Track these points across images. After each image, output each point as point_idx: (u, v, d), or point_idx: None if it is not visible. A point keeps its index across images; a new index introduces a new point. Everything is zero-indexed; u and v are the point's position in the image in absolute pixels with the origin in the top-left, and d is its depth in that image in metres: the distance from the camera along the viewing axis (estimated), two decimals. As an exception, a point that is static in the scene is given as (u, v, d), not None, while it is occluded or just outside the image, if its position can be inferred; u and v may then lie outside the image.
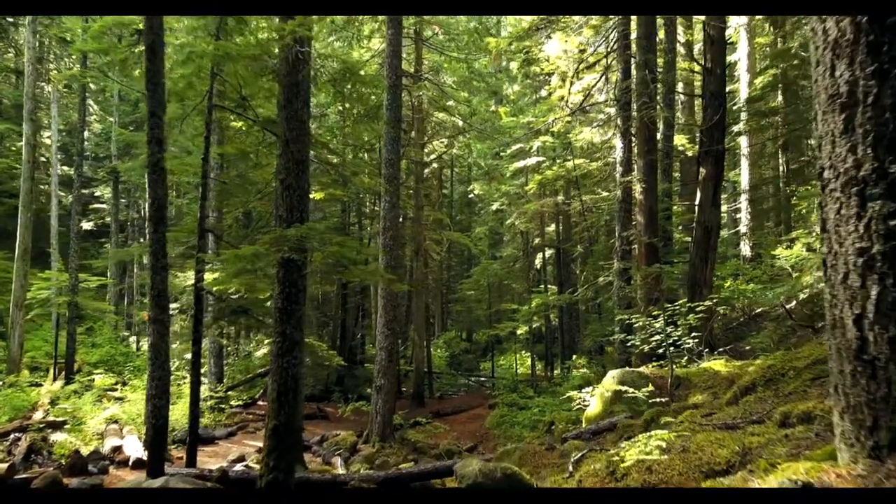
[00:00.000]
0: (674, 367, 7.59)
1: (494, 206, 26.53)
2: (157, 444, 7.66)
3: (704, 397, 7.11)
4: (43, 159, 28.44)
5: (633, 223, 13.06)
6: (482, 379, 27.19)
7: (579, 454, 4.87)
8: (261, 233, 8.53)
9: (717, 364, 8.24)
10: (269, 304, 12.42)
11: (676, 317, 8.43)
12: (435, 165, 30.51)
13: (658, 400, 7.14)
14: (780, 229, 22.92)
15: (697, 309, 8.17)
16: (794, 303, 17.04)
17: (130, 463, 10.60)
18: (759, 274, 22.27)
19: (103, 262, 14.34)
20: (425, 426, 15.29)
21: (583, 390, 9.37)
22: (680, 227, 20.93)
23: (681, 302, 7.98)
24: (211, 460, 11.80)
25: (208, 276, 9.51)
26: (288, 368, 6.56)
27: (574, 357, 24.71)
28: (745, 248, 24.00)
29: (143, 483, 6.28)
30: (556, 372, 24.05)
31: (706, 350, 9.12)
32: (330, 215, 27.90)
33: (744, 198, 23.47)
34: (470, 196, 36.53)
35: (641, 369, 8.44)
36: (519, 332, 24.66)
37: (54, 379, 19.16)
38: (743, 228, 23.64)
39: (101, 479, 9.83)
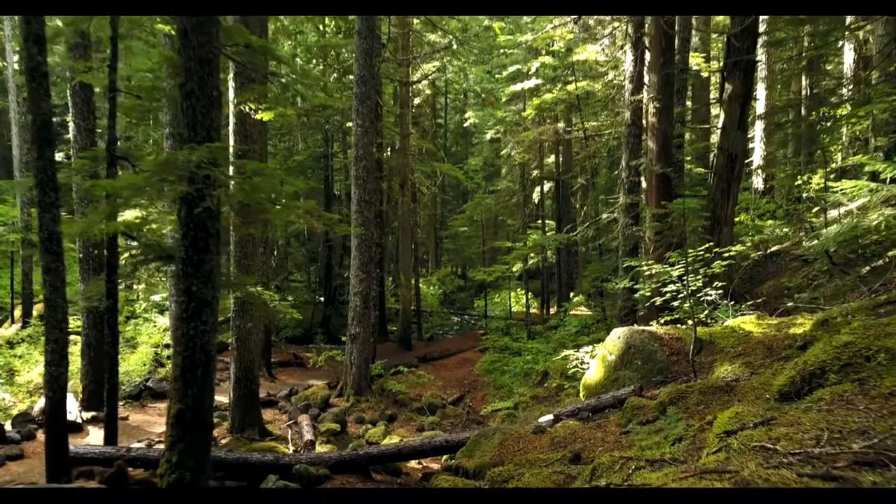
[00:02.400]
0: (696, 327, 6.05)
1: (489, 135, 24.48)
2: (55, 421, 6.22)
3: (735, 368, 5.60)
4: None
5: (643, 151, 11.29)
6: (475, 318, 25.99)
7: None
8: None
9: (748, 322, 6.70)
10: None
11: (697, 263, 6.85)
12: (428, 92, 28.29)
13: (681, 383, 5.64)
14: (801, 159, 21.05)
15: (725, 255, 6.56)
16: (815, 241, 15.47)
17: (62, 427, 9.24)
18: (774, 208, 20.56)
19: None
20: (407, 375, 13.99)
21: (580, 349, 7.90)
22: (690, 158, 19.12)
23: (706, 246, 6.36)
24: (161, 420, 10.48)
25: (129, 215, 7.87)
26: (195, 337, 5.00)
27: (571, 296, 23.40)
28: (758, 181, 22.25)
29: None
30: (552, 311, 22.78)
31: (731, 303, 7.56)
32: (312, 144, 25.94)
33: (759, 125, 21.43)
34: (466, 125, 34.27)
35: (652, 328, 6.91)
36: (514, 268, 23.26)
37: (12, 322, 17.83)
38: (757, 159, 21.73)
39: (21, 448, 8.53)
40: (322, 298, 24.72)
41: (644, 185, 11.29)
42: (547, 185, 24.51)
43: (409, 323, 19.23)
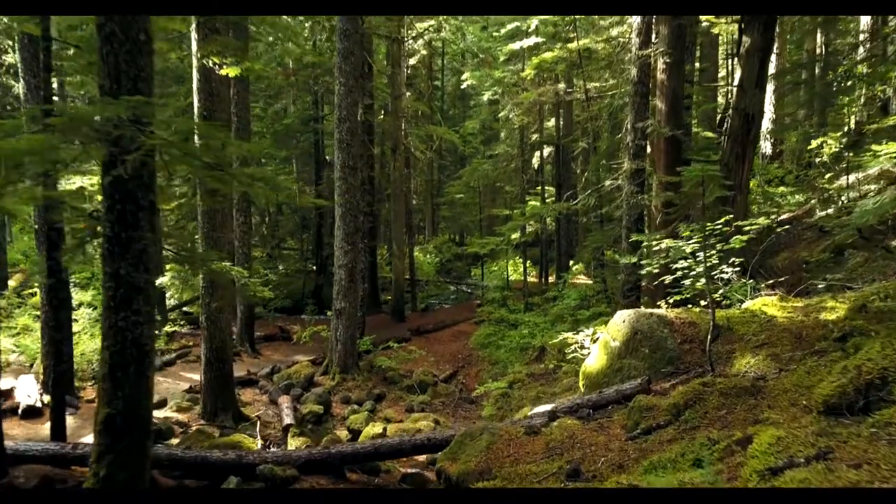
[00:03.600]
0: (713, 311, 5.28)
1: (486, 96, 23.37)
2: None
3: (759, 362, 4.85)
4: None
5: (650, 112, 10.38)
6: (472, 287, 25.29)
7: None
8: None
9: (770, 305, 5.94)
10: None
11: (713, 238, 6.05)
12: (423, 52, 27.04)
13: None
14: (813, 122, 20.05)
15: (746, 228, 5.75)
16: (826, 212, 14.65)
17: (20, 411, 8.58)
18: (783, 174, 19.60)
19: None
20: (397, 350, 13.32)
21: (580, 333, 7.14)
22: (696, 120, 18.14)
23: (725, 218, 5.55)
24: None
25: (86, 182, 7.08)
26: (126, 329, 4.23)
27: (571, 264, 22.66)
28: (766, 146, 21.28)
29: None
30: (551, 279, 22.06)
31: (750, 281, 6.78)
32: (301, 107, 24.82)
33: (768, 87, 20.28)
34: (463, 87, 33.02)
35: (661, 311, 6.15)
36: (513, 236, 22.47)
37: (-13, 294, 17.14)
38: (766, 123, 20.69)
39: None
40: (314, 267, 23.96)
41: (650, 149, 10.42)
42: (546, 150, 23.54)
43: (401, 294, 18.53)
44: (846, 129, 20.05)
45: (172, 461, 5.79)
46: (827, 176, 17.98)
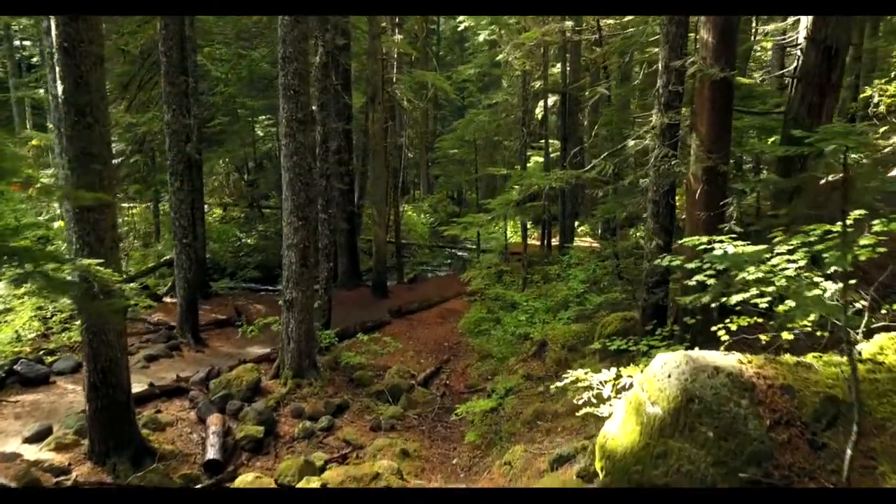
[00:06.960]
0: (855, 376, 3.01)
1: (483, 37, 20.56)
2: None
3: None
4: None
5: (685, 48, 7.83)
6: (467, 251, 22.99)
7: None
8: None
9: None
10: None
11: (794, 237, 3.77)
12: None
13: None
14: (863, 65, 17.25)
15: (877, 228, 3.40)
16: None
17: None
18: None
19: None
20: (368, 343, 11.15)
21: (596, 378, 4.81)
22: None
23: (857, 215, 3.20)
24: (18, 424, 7.69)
25: None
26: None
27: (577, 224, 20.34)
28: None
29: None
30: (553, 241, 19.74)
31: (862, 302, 4.44)
32: (271, 45, 21.95)
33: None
34: (461, 30, 29.84)
35: (731, 361, 3.82)
36: (512, 194, 19.90)
37: None
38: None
39: None
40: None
41: (684, 99, 7.92)
42: (551, 99, 20.84)
43: (383, 266, 16.28)
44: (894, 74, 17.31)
45: None
46: (881, 129, 15.39)
